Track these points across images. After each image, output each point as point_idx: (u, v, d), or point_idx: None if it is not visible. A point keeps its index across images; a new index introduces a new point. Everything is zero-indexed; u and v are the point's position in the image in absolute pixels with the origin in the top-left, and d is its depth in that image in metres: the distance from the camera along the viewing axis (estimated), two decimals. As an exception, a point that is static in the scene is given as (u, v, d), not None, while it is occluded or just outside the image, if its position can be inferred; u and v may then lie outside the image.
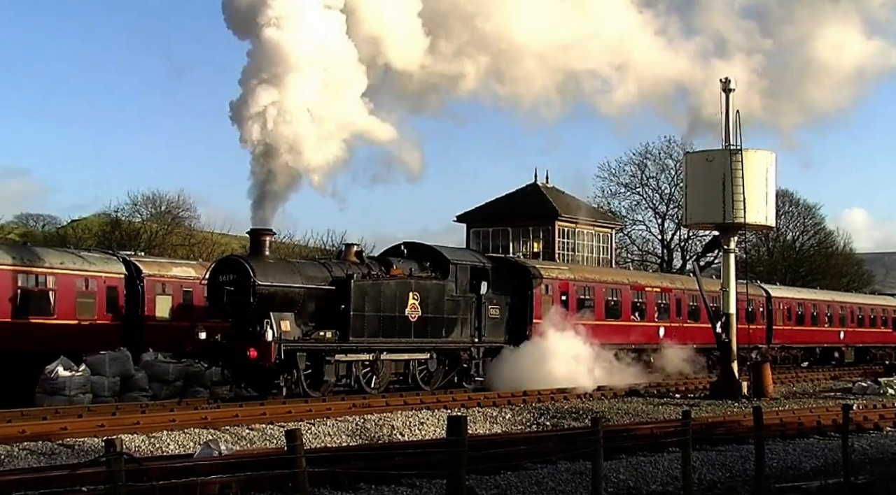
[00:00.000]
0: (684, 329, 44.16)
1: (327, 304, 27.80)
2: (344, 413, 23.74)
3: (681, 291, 45.58)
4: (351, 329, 27.88)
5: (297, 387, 26.73)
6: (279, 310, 26.31)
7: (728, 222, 33.79)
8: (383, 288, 29.23)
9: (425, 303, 30.45)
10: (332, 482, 13.65)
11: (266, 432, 20.75)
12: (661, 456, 17.57)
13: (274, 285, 26.20)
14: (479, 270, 33.18)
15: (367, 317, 28.43)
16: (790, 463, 18.38)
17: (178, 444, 18.95)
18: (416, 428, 22.63)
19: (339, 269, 28.61)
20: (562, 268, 40.26)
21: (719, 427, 21.92)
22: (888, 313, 65.43)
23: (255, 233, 27.21)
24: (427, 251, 32.70)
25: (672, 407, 28.27)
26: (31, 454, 17.45)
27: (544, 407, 27.61)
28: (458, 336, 31.92)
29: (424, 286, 30.73)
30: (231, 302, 26.05)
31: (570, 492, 14.39)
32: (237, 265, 26.34)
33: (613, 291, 41.37)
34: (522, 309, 35.58)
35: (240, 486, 13.29)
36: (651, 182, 78.61)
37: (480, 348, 33.00)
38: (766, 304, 50.83)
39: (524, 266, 37.46)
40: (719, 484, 15.89)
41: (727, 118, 33.95)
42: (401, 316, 29.64)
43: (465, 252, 34.48)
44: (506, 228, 55.22)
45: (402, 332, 29.75)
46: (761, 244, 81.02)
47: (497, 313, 33.74)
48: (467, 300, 32.32)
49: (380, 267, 30.24)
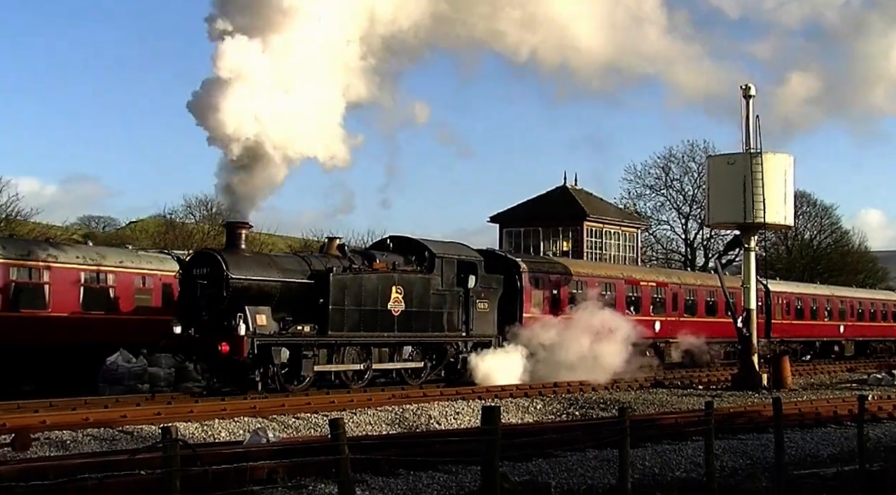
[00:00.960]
0: (681, 323, 42.62)
1: (306, 298, 26.03)
2: (384, 403, 23.77)
3: (677, 286, 44.10)
4: (330, 323, 26.05)
5: (274, 382, 25.07)
6: (255, 304, 24.82)
7: (749, 222, 33.80)
8: (364, 281, 27.37)
9: (409, 297, 28.51)
10: (373, 468, 13.66)
11: (311, 421, 20.81)
12: (684, 445, 17.50)
13: (248, 279, 24.75)
14: (466, 264, 31.20)
15: (348, 311, 26.59)
16: (808, 451, 18.28)
17: (229, 432, 19.06)
18: (451, 418, 22.64)
19: (318, 263, 26.90)
20: (553, 263, 38.85)
21: (740, 417, 21.81)
22: (888, 307, 63.34)
23: (230, 227, 25.89)
24: (413, 244, 30.77)
25: (695, 398, 28.15)
26: (94, 439, 17.60)
27: (573, 398, 27.56)
28: (444, 330, 30.02)
29: (408, 280, 28.82)
30: (204, 295, 24.53)
31: (599, 478, 14.35)
32: (210, 258, 24.89)
33: (607, 286, 39.70)
34: (512, 303, 33.90)
35: (286, 472, 13.34)
36: (675, 184, 78.67)
37: (468, 342, 31.15)
38: (764, 299, 48.31)
39: (514, 260, 35.59)
40: (740, 471, 15.80)
41: (747, 123, 33.95)
42: (383, 310, 27.73)
43: (453, 245, 32.18)
44: (537, 228, 55.18)
45: (384, 326, 27.87)
46: (780, 243, 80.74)
47: (486, 307, 31.69)
48: (454, 294, 30.37)
49: (363, 260, 28.47)
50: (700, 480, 14.02)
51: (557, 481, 13.97)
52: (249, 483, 12.72)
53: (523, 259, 36.41)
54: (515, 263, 35.02)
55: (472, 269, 31.10)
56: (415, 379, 29.48)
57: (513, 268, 34.57)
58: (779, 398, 16.60)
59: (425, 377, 29.85)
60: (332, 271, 26.38)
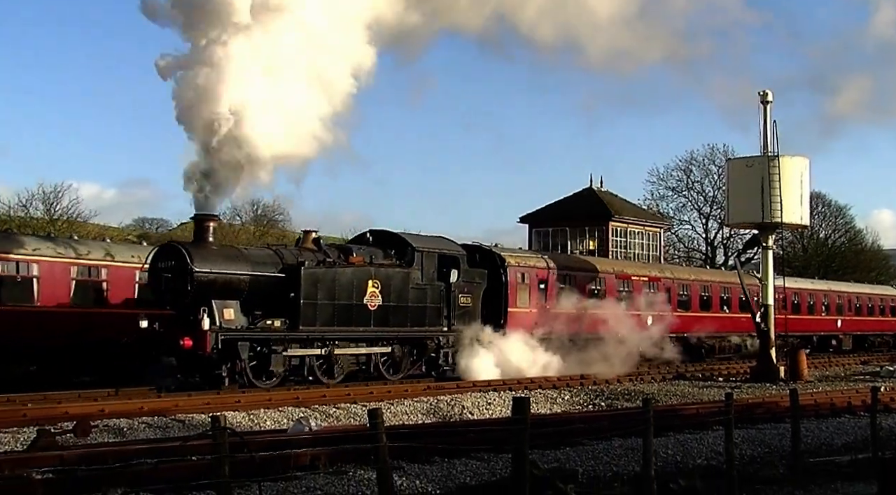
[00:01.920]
0: (674, 319, 39.95)
1: (277, 292, 24.31)
2: (420, 394, 23.79)
3: (670, 280, 41.75)
4: (301, 317, 24.33)
5: (242, 378, 23.39)
6: (222, 298, 23.15)
7: (766, 222, 33.71)
8: (338, 275, 25.48)
9: (387, 291, 26.61)
10: (410, 455, 13.65)
11: (350, 410, 20.86)
12: (705, 434, 17.39)
13: (214, 272, 23.07)
14: (447, 258, 29.18)
15: (320, 305, 24.83)
16: (823, 440, 18.15)
17: (274, 421, 19.14)
18: (484, 408, 22.64)
19: (291, 256, 25.06)
20: (541, 257, 35.99)
21: (759, 407, 21.68)
22: (886, 302, 61.02)
23: (198, 219, 23.88)
24: (393, 238, 28.71)
25: (715, 390, 28.01)
26: (149, 427, 17.74)
27: (599, 390, 27.51)
28: (425, 325, 28.04)
29: (386, 274, 26.89)
30: (169, 289, 23.09)
31: (623, 466, 14.32)
32: (175, 251, 23.23)
33: (596, 280, 37.38)
34: (497, 297, 31.82)
35: (328, 458, 13.36)
36: (696, 186, 78.27)
37: (450, 337, 29.07)
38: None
39: (498, 254, 33.09)
40: (759, 459, 15.73)
41: (765, 127, 33.83)
42: (359, 304, 25.87)
43: (435, 240, 29.99)
44: (564, 228, 54.97)
45: (360, 321, 26.01)
46: (797, 241, 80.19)
47: (468, 301, 29.61)
48: (435, 288, 28.43)
49: (339, 254, 26.59)
50: (720, 467, 13.96)
51: (584, 468, 13.96)
52: (293, 469, 12.77)
53: (508, 253, 34.10)
54: (500, 257, 32.92)
55: (454, 263, 29.34)
56: (394, 375, 27.57)
57: (498, 263, 32.61)
58: (795, 389, 16.56)
59: (405, 372, 27.92)
60: (304, 265, 24.70)
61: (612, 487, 12.61)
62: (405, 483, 12.41)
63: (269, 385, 23.83)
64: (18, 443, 15.31)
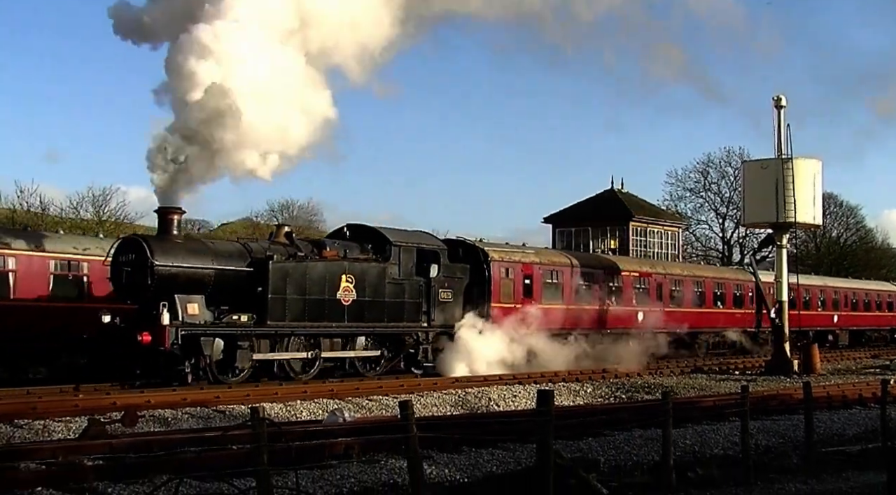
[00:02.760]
0: (665, 314, 37.96)
1: (245, 287, 22.85)
2: (448, 387, 23.77)
3: (662, 276, 39.47)
4: (269, 312, 22.88)
5: (206, 374, 22.01)
6: (186, 292, 21.81)
7: (781, 221, 33.74)
8: (309, 270, 23.92)
9: (361, 286, 24.99)
10: (439, 445, 13.64)
11: (382, 402, 20.85)
12: (722, 425, 17.30)
13: (176, 266, 21.74)
14: (427, 253, 27.36)
15: (290, 300, 23.31)
16: (835, 431, 18.03)
17: (309, 412, 19.17)
18: (509, 400, 22.59)
19: (260, 250, 23.59)
20: (526, 252, 33.44)
21: (774, 399, 21.55)
22: (883, 297, 58.44)
23: (161, 212, 22.49)
24: (370, 233, 27.04)
25: (732, 383, 27.87)
26: (192, 417, 17.80)
27: (620, 383, 27.44)
28: (403, 320, 26.35)
29: (361, 268, 25.20)
30: (129, 283, 21.71)
31: (644, 455, 14.26)
32: (135, 244, 21.82)
33: (585, 275, 35.02)
34: (480, 293, 29.86)
35: (361, 448, 13.35)
36: (713, 187, 78.44)
37: (429, 333, 27.33)
38: (755, 289, 43.34)
39: (482, 249, 31.00)
40: (773, 449, 15.63)
41: (779, 130, 33.80)
42: (332, 299, 24.28)
43: (414, 234, 28.29)
44: (586, 228, 54.92)
45: (333, 317, 24.42)
46: (810, 240, 79.82)
47: (449, 297, 27.80)
48: (413, 283, 26.68)
49: (312, 248, 25.08)
50: (736, 457, 13.89)
51: (606, 457, 13.92)
52: (328, 457, 12.79)
53: (492, 248, 32.06)
54: (484, 252, 30.83)
55: (434, 258, 27.53)
56: (370, 371, 26.08)
57: (481, 258, 30.54)
58: (808, 382, 16.50)
59: (383, 368, 26.43)
60: (273, 258, 23.26)
61: (632, 475, 12.57)
62: (435, 471, 12.41)
63: (236, 381, 22.46)
64: (71, 432, 15.44)
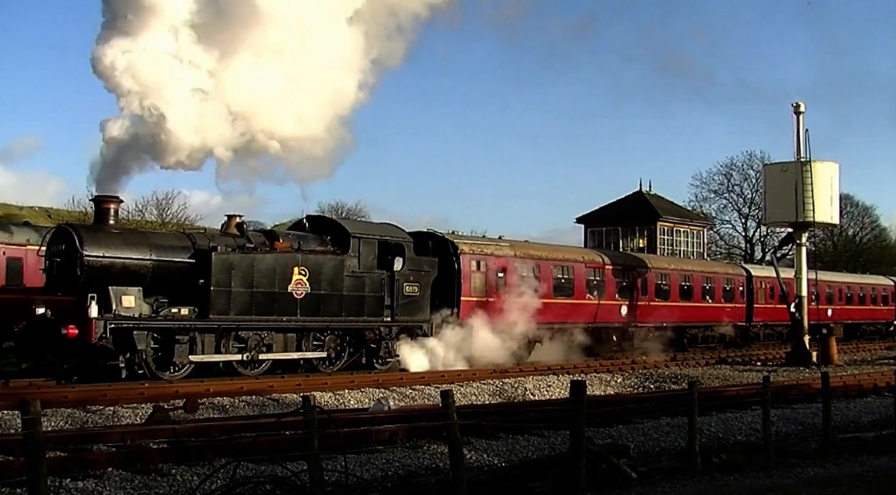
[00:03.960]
0: (651, 308, 35.82)
1: (188, 279, 20.84)
2: (486, 377, 23.69)
3: (646, 269, 36.38)
4: (212, 306, 20.73)
5: (142, 369, 19.90)
6: (120, 284, 19.81)
7: (800, 221, 33.62)
8: (257, 261, 21.72)
9: (316, 279, 22.70)
10: (478, 432, 13.63)
11: (424, 391, 20.83)
12: (745, 413, 17.15)
13: (108, 257, 19.77)
14: (389, 245, 24.93)
15: (235, 292, 21.15)
16: (851, 418, 17.84)
17: (357, 400, 19.18)
18: (544, 389, 22.51)
19: (204, 241, 21.64)
20: (500, 245, 30.72)
21: (793, 389, 21.37)
22: (878, 291, 55.55)
23: (98, 201, 20.62)
24: (330, 224, 25.07)
25: (754, 373, 27.61)
26: (248, 405, 17.88)
27: (649, 373, 27.26)
28: (363, 315, 24.03)
29: (315, 260, 22.90)
30: (60, 274, 19.82)
31: (671, 442, 14.17)
32: (65, 234, 19.87)
33: (564, 269, 32.11)
34: (449, 287, 27.44)
35: (405, 434, 13.39)
36: (735, 188, 78.16)
37: (393, 328, 24.95)
38: (746, 283, 42.59)
39: (451, 241, 28.49)
40: (793, 436, 15.51)
41: (798, 135, 33.57)
42: (283, 292, 22.11)
43: (376, 226, 26.04)
44: (616, 228, 54.57)
45: (284, 310, 22.19)
46: (827, 239, 79.16)
47: (415, 291, 25.30)
48: (375, 277, 24.28)
49: (264, 240, 22.91)
50: (758, 443, 13.76)
51: (635, 444, 13.84)
52: (374, 443, 12.82)
53: (463, 240, 29.57)
54: (453, 244, 28.25)
55: (398, 251, 25.09)
56: (328, 367, 23.74)
57: (451, 250, 28.00)
58: (826, 372, 16.29)
59: (342, 364, 24.00)
60: (217, 250, 21.24)
61: (660, 461, 12.48)
62: (474, 456, 12.40)
63: (176, 377, 20.45)
64: (137, 418, 15.59)
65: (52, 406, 15.77)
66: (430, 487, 10.20)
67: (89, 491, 9.74)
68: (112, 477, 10.29)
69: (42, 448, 7.05)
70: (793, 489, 11.06)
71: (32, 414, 6.97)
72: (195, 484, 9.83)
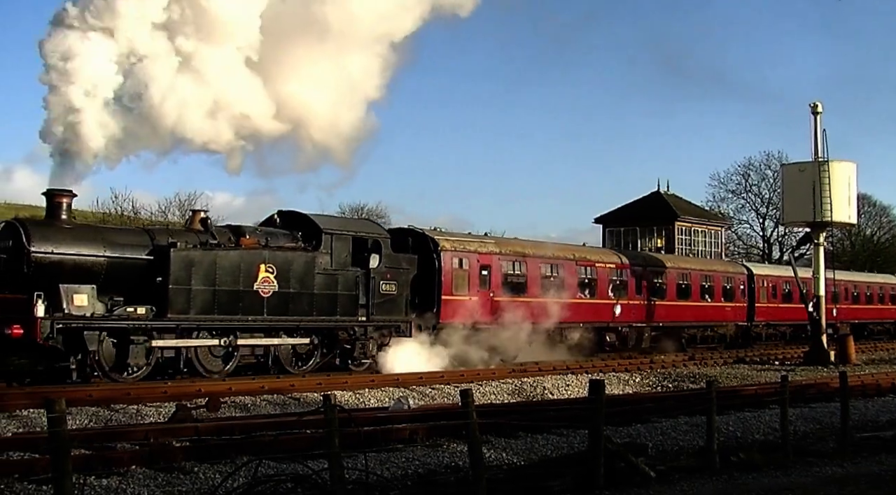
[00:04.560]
0: (646, 307, 34.47)
1: (146, 277, 19.72)
2: (505, 376, 23.65)
3: (641, 268, 34.91)
4: (171, 305, 19.60)
5: (95, 370, 18.84)
6: (72, 282, 18.75)
7: (818, 221, 33.45)
8: (220, 258, 20.51)
9: (285, 277, 21.58)
10: (497, 430, 13.63)
11: (444, 390, 20.83)
12: (763, 412, 17.06)
13: (58, 253, 18.72)
14: (364, 241, 23.71)
15: (196, 291, 20.00)
16: (869, 417, 17.69)
17: (377, 399, 19.18)
18: (563, 389, 22.47)
19: (163, 237, 20.41)
20: (485, 242, 29.29)
21: (811, 388, 21.22)
22: (885, 290, 53.32)
23: (49, 195, 19.40)
24: (302, 220, 23.49)
25: (772, 373, 27.47)
26: (269, 404, 17.90)
27: (667, 372, 27.16)
28: (336, 314, 22.82)
29: (284, 257, 21.74)
30: (7, 271, 18.60)
31: (689, 441, 14.10)
32: (12, 229, 18.76)
33: (553, 267, 30.95)
34: (430, 285, 26.21)
35: (425, 433, 13.39)
36: (753, 188, 77.94)
37: (368, 327, 23.71)
38: (747, 282, 41.11)
39: (431, 238, 27.15)
40: (811, 435, 15.40)
41: (816, 135, 33.41)
42: (248, 291, 20.94)
43: (351, 221, 24.71)
44: (634, 228, 54.41)
45: (250, 310, 21.02)
46: (845, 238, 78.71)
47: (392, 289, 24.07)
48: (349, 275, 23.06)
49: (229, 237, 21.70)
50: (776, 442, 13.68)
51: (654, 443, 13.79)
52: (394, 441, 12.83)
53: (445, 237, 28.03)
54: (434, 241, 27.00)
55: (375, 248, 23.84)
56: (299, 367, 22.55)
57: (431, 247, 26.80)
58: (844, 372, 16.22)
59: (313, 365, 22.79)
60: (176, 246, 20.05)
61: (678, 459, 12.43)
62: (493, 455, 12.38)
63: (133, 379, 19.35)
64: (161, 416, 15.66)
65: (76, 404, 15.88)
66: (450, 485, 10.20)
67: (113, 488, 9.79)
68: (136, 475, 10.35)
69: (67, 446, 7.09)
70: (811, 488, 10.99)
71: (57, 412, 7.02)
72: (217, 481, 9.87)
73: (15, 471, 10.12)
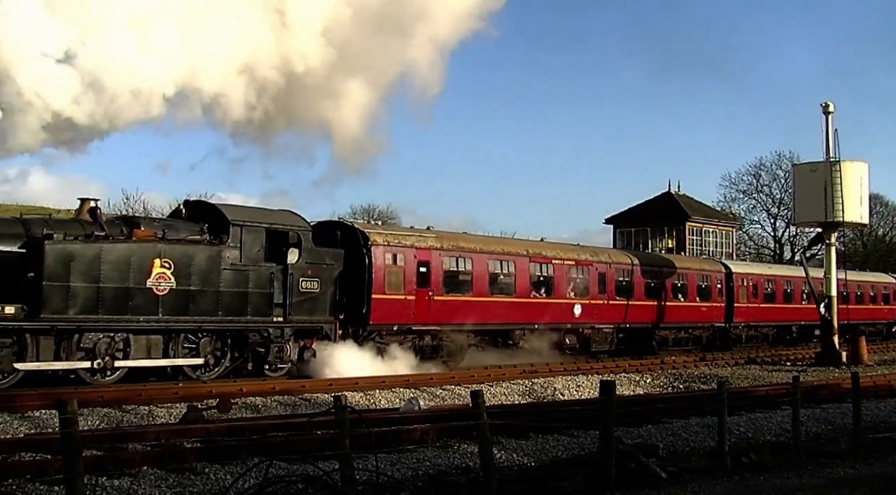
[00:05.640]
0: (610, 307, 31.93)
1: (18, 272, 17.54)
2: (516, 377, 23.62)
3: (605, 265, 32.13)
4: (45, 303, 17.36)
5: None
6: None
7: (829, 221, 33.26)
8: (105, 252, 18.25)
9: (184, 273, 19.36)
10: (508, 431, 13.61)
11: (454, 391, 20.81)
12: (774, 413, 17.01)
13: None
14: (280, 234, 21.61)
15: (75, 288, 17.75)
16: (882, 418, 17.60)
17: (388, 400, 19.19)
18: (573, 390, 22.44)
19: (40, 228, 18.11)
20: (424, 236, 26.72)
21: (823, 389, 21.14)
22: (878, 290, 49.72)
23: None
24: (210, 211, 21.32)
25: (783, 373, 27.38)
26: (280, 404, 17.93)
27: (678, 373, 27.08)
28: (246, 314, 20.67)
29: (183, 251, 19.50)
30: None
31: (700, 442, 14.06)
32: None
33: (503, 263, 28.33)
34: (359, 283, 24.01)
35: (435, 434, 13.39)
36: (764, 189, 77.72)
37: (285, 329, 21.52)
38: (724, 281, 38.03)
39: (361, 232, 24.84)
40: (823, 436, 15.34)
41: (827, 135, 33.33)
42: (140, 288, 18.66)
43: (265, 212, 22.30)
44: (645, 229, 54.40)
45: (142, 309, 18.76)
46: (857, 238, 78.42)
47: (314, 287, 21.87)
48: (262, 271, 20.87)
49: (121, 228, 19.58)
50: (788, 443, 13.64)
51: (664, 443, 13.76)
52: (405, 442, 12.83)
53: (376, 230, 25.96)
54: (364, 235, 24.71)
55: (293, 241, 21.93)
56: (204, 374, 20.28)
57: (361, 242, 24.49)
58: (856, 372, 16.16)
59: (221, 371, 20.62)
60: (52, 237, 17.84)
61: (689, 460, 12.40)
62: (504, 455, 12.38)
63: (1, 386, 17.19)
64: (172, 417, 15.70)
65: (88, 405, 15.93)
66: (461, 486, 10.19)
67: (125, 489, 9.82)
68: (147, 476, 10.38)
69: (79, 446, 7.12)
70: (823, 489, 10.96)
71: (69, 413, 7.05)
72: (228, 482, 9.90)
73: (27, 472, 10.17)
